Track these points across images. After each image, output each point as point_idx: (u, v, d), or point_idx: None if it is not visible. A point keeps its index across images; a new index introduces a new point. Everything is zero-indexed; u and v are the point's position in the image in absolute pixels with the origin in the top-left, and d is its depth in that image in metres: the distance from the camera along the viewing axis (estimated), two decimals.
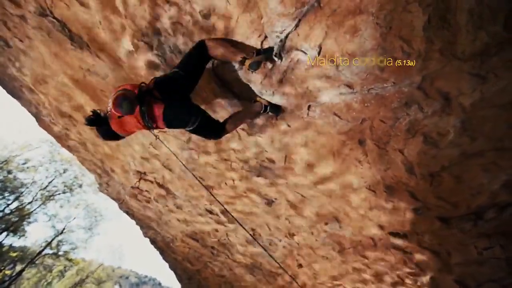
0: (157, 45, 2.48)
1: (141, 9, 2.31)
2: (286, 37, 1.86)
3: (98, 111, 2.17)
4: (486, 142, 1.92)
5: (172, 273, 9.39)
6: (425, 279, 3.18)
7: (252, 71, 2.09)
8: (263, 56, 1.99)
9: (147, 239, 7.86)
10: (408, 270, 3.19)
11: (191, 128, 2.15)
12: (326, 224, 3.46)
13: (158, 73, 2.69)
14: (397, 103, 1.92)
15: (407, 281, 3.34)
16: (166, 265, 8.99)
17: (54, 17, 2.87)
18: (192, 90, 2.16)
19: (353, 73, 1.86)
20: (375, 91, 1.91)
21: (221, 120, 2.37)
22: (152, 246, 8.21)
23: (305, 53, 1.90)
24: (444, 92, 1.78)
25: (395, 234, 3.00)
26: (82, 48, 3.00)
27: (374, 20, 1.60)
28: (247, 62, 1.98)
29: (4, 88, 4.75)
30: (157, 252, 8.43)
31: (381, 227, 3.01)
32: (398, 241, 3.02)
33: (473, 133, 1.91)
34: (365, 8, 1.60)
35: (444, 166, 2.17)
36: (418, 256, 3.03)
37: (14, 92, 4.72)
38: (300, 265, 4.43)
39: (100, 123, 2.14)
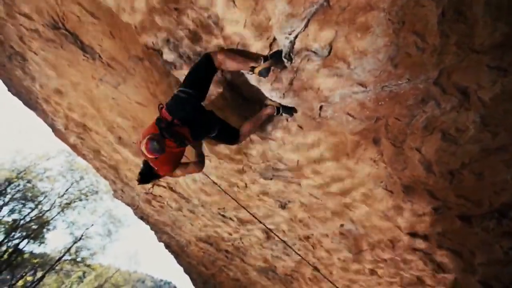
0: (167, 52, 2.50)
1: (150, 16, 2.34)
2: (296, 38, 1.84)
3: (141, 169, 2.40)
4: (508, 136, 1.84)
5: (187, 277, 9.44)
6: (447, 280, 3.07)
7: (262, 78, 2.11)
8: (272, 61, 1.98)
9: (162, 244, 7.93)
10: (428, 271, 3.09)
11: (213, 135, 2.26)
12: (341, 226, 3.39)
13: (168, 80, 2.71)
14: (413, 100, 1.86)
15: (428, 281, 3.23)
16: (182, 269, 9.05)
17: (66, 29, 2.95)
18: (204, 100, 2.18)
19: (366, 71, 1.81)
20: (389, 88, 1.86)
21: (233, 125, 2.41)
22: (167, 251, 8.29)
23: (315, 53, 1.87)
24: (462, 86, 1.71)
25: (414, 235, 2.91)
26: (94, 58, 3.07)
27: (386, 16, 1.56)
28: (256, 70, 2.00)
29: (20, 100, 4.91)
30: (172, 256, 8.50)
31: (399, 228, 2.93)
32: (418, 242, 2.93)
33: (494, 128, 1.83)
34: (376, 5, 1.56)
35: (465, 163, 2.09)
36: (439, 257, 2.93)
37: (30, 103, 4.87)
38: (315, 268, 4.36)
39: (148, 177, 2.37)
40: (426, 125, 1.95)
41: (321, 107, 2.21)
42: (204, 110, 2.17)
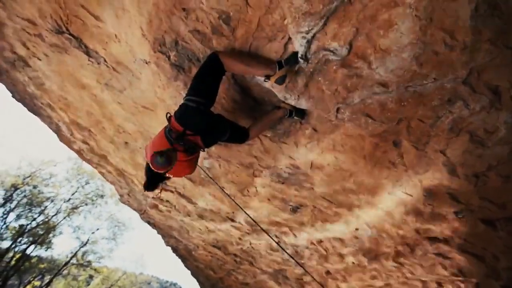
0: (175, 55, 2.41)
1: (157, 18, 2.25)
2: (313, 37, 1.74)
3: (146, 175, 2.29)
4: None
5: (194, 280, 9.36)
6: (469, 285, 2.96)
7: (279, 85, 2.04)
8: (288, 68, 1.89)
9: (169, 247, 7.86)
10: (449, 275, 2.98)
11: (224, 139, 2.20)
12: (356, 229, 3.29)
13: (177, 84, 2.62)
14: (438, 100, 1.76)
15: (449, 286, 3.13)
16: (189, 271, 8.98)
17: (70, 34, 2.87)
18: (213, 105, 2.08)
19: (388, 70, 1.71)
20: (413, 88, 1.75)
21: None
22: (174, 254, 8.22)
23: (333, 52, 1.77)
24: (493, 85, 1.60)
25: (433, 239, 2.81)
26: (99, 62, 2.99)
27: (413, 12, 1.46)
28: (272, 79, 1.93)
29: (25, 106, 4.85)
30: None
31: (418, 231, 2.82)
32: (438, 246, 2.82)
33: None
34: (401, 1, 1.46)
35: (491, 166, 1.98)
36: (460, 261, 2.82)
37: (35, 109, 4.81)
38: (328, 272, 4.26)
39: (154, 182, 2.25)
40: (453, 126, 1.84)
41: (338, 109, 2.11)
42: (214, 116, 2.09)
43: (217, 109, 2.67)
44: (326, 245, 3.79)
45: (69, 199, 18.14)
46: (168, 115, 2.06)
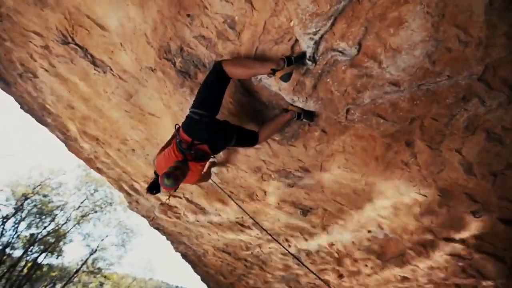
0: (181, 61, 2.40)
1: (162, 25, 2.25)
2: (321, 38, 1.71)
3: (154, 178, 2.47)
4: None
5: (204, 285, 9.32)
6: (489, 286, 2.87)
7: (283, 82, 2.01)
8: (295, 66, 1.86)
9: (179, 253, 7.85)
10: (467, 277, 2.90)
11: (232, 145, 2.23)
12: (369, 232, 3.23)
13: (183, 90, 2.61)
14: (453, 98, 1.70)
15: None
16: (198, 276, 8.94)
17: (76, 44, 2.89)
18: (218, 113, 2.12)
19: (400, 69, 1.66)
20: (426, 87, 1.70)
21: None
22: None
23: (342, 53, 1.73)
24: (511, 81, 1.55)
25: (450, 240, 2.73)
26: (105, 72, 3.00)
27: (424, 9, 1.42)
28: (278, 74, 1.86)
29: (33, 117, 4.90)
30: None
31: (433, 233, 2.75)
32: (454, 247, 2.74)
33: None
34: None
35: (510, 164, 1.91)
36: (479, 263, 2.73)
37: (43, 120, 4.86)
38: (340, 276, 4.19)
39: (157, 188, 2.39)
40: (468, 124, 1.78)
41: (348, 110, 2.07)
42: (219, 124, 2.11)
43: (224, 114, 2.65)
44: (338, 247, 3.73)
45: (79, 207, 18.33)
46: (177, 126, 2.15)
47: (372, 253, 3.42)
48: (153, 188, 2.40)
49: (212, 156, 2.25)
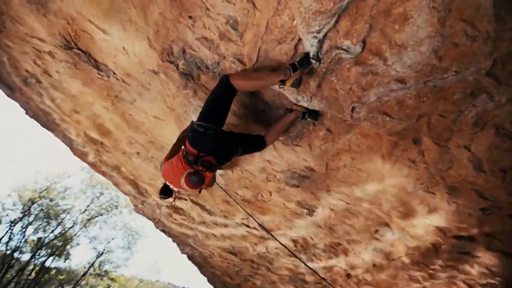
0: (183, 63, 2.39)
1: (164, 28, 2.24)
2: (325, 36, 1.69)
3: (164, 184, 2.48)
4: None
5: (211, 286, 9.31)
6: (500, 284, 2.82)
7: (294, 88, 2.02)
8: (302, 70, 1.86)
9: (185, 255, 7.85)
10: (478, 275, 2.85)
11: (239, 154, 2.29)
12: (376, 231, 3.19)
13: (186, 92, 2.61)
14: (460, 94, 1.68)
15: (478, 286, 2.99)
16: (205, 278, 8.94)
17: (79, 49, 2.89)
18: (223, 126, 2.16)
19: (405, 65, 1.64)
20: (432, 83, 1.68)
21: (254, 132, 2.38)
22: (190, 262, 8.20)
23: (346, 50, 1.71)
24: None
25: (459, 238, 2.69)
26: (108, 76, 3.00)
27: (429, 4, 1.39)
28: (288, 83, 1.90)
29: (38, 122, 4.93)
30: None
31: (442, 231, 2.71)
32: (464, 245, 2.70)
33: None
34: None
35: None
36: (490, 260, 2.69)
37: (48, 124, 4.88)
38: (348, 276, 4.16)
39: (168, 193, 2.46)
40: (477, 120, 1.75)
41: (353, 109, 2.05)
42: (224, 135, 2.16)
43: (228, 116, 2.64)
44: (346, 247, 3.70)
45: (85, 210, 18.47)
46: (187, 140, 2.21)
47: (380, 252, 3.39)
48: (164, 192, 2.45)
49: (219, 168, 2.29)
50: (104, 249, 19.61)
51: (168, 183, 2.36)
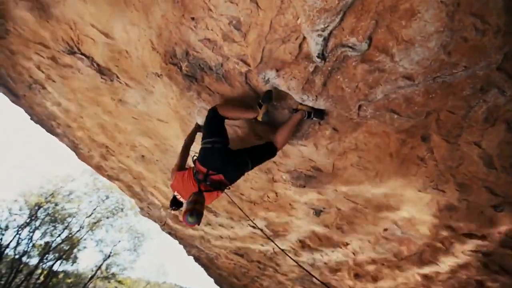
0: (187, 65, 2.38)
1: (167, 30, 2.23)
2: (330, 34, 1.66)
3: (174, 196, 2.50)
4: None
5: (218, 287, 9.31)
6: (508, 282, 2.77)
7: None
8: (266, 105, 2.17)
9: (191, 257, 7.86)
10: (490, 273, 2.80)
11: (249, 169, 2.29)
12: (385, 230, 3.16)
13: (190, 94, 2.59)
14: (470, 89, 1.64)
15: (489, 284, 2.94)
16: (212, 279, 8.94)
17: (82, 53, 2.90)
18: (229, 143, 2.28)
19: (413, 62, 1.61)
20: (441, 79, 1.64)
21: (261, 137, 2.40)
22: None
23: (352, 48, 1.69)
24: None
25: (470, 235, 2.65)
26: (112, 79, 3.00)
27: None
28: (259, 118, 2.22)
29: (43, 127, 4.96)
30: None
31: (452, 229, 2.67)
32: (475, 243, 2.65)
33: None
34: None
35: None
36: (502, 258, 2.64)
37: (52, 130, 4.91)
38: (356, 275, 4.12)
39: (178, 204, 2.48)
40: (487, 116, 1.72)
41: (360, 107, 2.02)
42: (231, 151, 2.22)
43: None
44: (354, 247, 3.66)
45: (91, 214, 18.57)
46: (194, 157, 2.29)
47: (389, 251, 3.35)
48: (175, 204, 2.47)
49: (227, 188, 2.29)
50: (110, 252, 19.72)
51: (176, 194, 2.36)
